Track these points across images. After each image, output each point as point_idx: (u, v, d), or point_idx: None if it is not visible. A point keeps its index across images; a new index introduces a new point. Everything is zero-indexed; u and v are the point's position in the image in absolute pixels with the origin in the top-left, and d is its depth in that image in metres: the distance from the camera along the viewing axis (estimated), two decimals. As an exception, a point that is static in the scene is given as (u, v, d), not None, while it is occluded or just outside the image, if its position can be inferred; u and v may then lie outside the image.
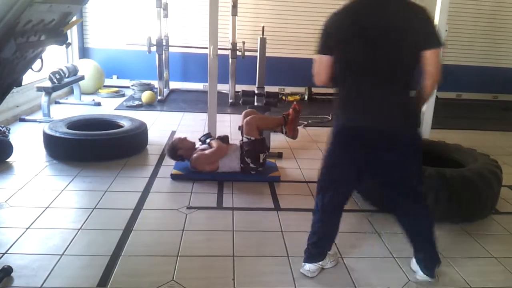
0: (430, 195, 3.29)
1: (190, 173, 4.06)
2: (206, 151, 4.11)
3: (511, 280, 2.72)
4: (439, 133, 5.44)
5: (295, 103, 4.45)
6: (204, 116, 5.60)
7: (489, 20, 8.66)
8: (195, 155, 4.11)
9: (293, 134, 4.22)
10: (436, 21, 4.89)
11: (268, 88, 6.53)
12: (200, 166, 4.05)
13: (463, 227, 3.35)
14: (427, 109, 5.15)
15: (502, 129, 6.73)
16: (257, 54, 6.37)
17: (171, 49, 8.17)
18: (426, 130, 5.17)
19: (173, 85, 8.46)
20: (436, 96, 5.21)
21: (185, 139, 4.30)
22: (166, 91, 7.88)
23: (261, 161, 4.08)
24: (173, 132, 5.56)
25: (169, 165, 4.26)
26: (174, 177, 4.02)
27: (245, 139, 4.06)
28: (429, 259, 2.63)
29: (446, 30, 4.93)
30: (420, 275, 2.64)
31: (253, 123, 4.05)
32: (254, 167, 4.06)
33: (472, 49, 8.75)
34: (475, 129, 6.67)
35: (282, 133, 4.24)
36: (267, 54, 6.74)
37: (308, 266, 2.66)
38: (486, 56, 8.76)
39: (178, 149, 4.21)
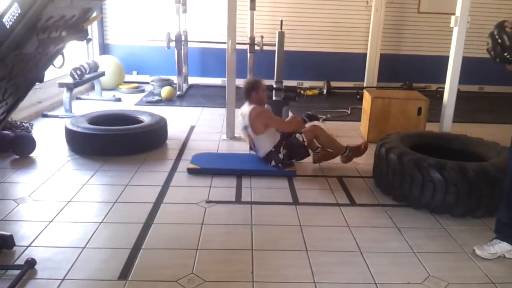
0: (451, 189, 3.26)
1: (206, 167, 4.08)
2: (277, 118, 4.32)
3: (535, 276, 2.67)
4: (461, 126, 5.36)
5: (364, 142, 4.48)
6: (223, 111, 5.61)
7: (510, 12, 8.43)
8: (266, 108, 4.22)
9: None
10: (458, 13, 4.80)
11: (287, 83, 6.51)
12: (258, 118, 4.09)
13: (485, 221, 3.30)
14: (448, 103, 5.08)
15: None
16: (276, 48, 6.35)
17: (190, 45, 8.20)
18: (448, 123, 5.10)
19: (192, 80, 8.50)
20: (458, 89, 5.13)
21: (266, 90, 4.40)
22: (185, 87, 7.93)
23: (281, 156, 4.08)
24: (192, 127, 5.60)
25: (189, 160, 4.29)
26: (190, 171, 4.04)
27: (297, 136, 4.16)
28: None
29: (468, 22, 4.82)
30: None
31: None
32: (278, 159, 4.08)
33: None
34: (498, 122, 6.52)
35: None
36: (285, 48, 6.71)
37: None
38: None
39: (257, 88, 4.25)
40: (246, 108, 4.23)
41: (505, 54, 2.54)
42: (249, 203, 3.51)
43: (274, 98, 6.11)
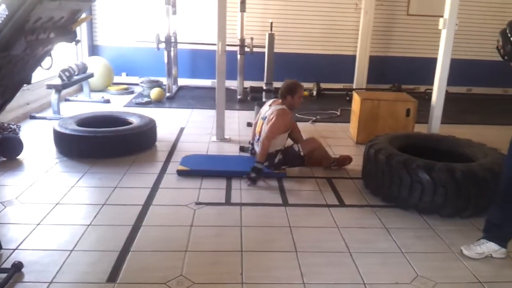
0: (439, 189, 3.29)
1: (196, 169, 4.07)
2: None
3: (521, 275, 2.70)
4: (449, 128, 5.40)
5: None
6: (212, 113, 5.60)
7: (499, 13, 8.54)
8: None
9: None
10: (446, 16, 4.85)
11: (277, 84, 6.52)
12: (281, 119, 4.05)
13: (472, 221, 3.33)
14: (437, 104, 5.13)
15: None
16: (265, 50, 6.37)
17: (179, 46, 8.18)
18: (436, 125, 5.15)
19: (182, 81, 8.48)
20: (446, 91, 5.18)
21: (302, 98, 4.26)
22: (174, 88, 7.91)
23: (276, 160, 4.08)
24: (182, 129, 5.58)
25: (178, 162, 4.27)
26: (180, 173, 4.03)
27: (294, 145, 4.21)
28: None
29: (456, 24, 4.87)
30: None
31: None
32: (272, 162, 4.07)
33: (482, 44, 8.66)
34: (485, 123, 6.60)
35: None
36: (275, 50, 6.74)
37: None
38: (496, 51, 8.64)
39: (295, 93, 4.15)
40: (276, 104, 4.22)
41: None
42: (238, 204, 3.51)
43: (264, 99, 6.12)
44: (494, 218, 2.87)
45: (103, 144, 4.38)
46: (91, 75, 7.11)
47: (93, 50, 8.43)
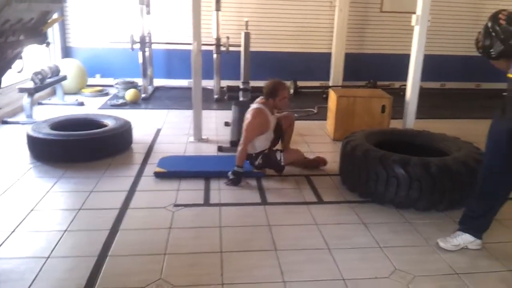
0: (415, 184, 3.34)
1: (173, 171, 4.04)
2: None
3: (495, 265, 2.76)
4: (424, 122, 5.50)
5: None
6: (189, 113, 5.55)
7: (471, 9, 8.75)
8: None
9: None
10: (419, 12, 4.93)
11: (254, 83, 6.53)
12: (254, 120, 3.92)
13: (448, 214, 3.39)
14: (411, 100, 5.21)
15: (485, 117, 6.78)
16: (242, 48, 6.36)
17: (154, 46, 8.10)
18: (411, 120, 5.23)
19: (158, 82, 8.40)
20: (420, 87, 5.27)
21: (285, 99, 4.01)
22: (150, 89, 7.83)
23: (256, 163, 4.06)
24: (159, 130, 5.53)
25: (155, 163, 4.23)
26: (157, 175, 3.99)
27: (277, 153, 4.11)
28: None
29: (429, 21, 4.96)
30: None
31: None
32: (253, 164, 4.05)
33: (455, 39, 8.84)
34: (459, 118, 6.75)
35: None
36: (252, 49, 6.74)
37: None
38: (469, 46, 8.84)
39: (275, 96, 3.92)
40: (258, 103, 4.06)
41: (491, 50, 2.51)
42: (217, 205, 3.49)
43: (241, 99, 6.12)
44: (470, 210, 2.93)
45: (78, 148, 4.30)
46: (64, 78, 6.98)
47: (66, 52, 8.27)
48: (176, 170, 4.05)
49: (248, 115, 4.00)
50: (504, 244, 2.95)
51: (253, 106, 4.06)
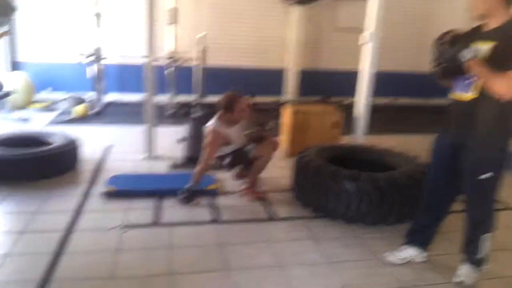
0: (364, 198, 3.41)
1: (123, 189, 3.92)
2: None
3: (439, 277, 2.84)
4: (374, 138, 5.64)
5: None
6: (142, 129, 5.41)
7: (419, 26, 9.16)
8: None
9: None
10: (370, 30, 5.09)
11: (210, 98, 6.51)
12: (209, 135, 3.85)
13: (396, 228, 3.46)
14: (362, 115, 5.35)
15: (432, 132, 7.06)
16: (198, 63, 6.33)
17: (107, 61, 7.93)
18: (362, 135, 5.36)
19: (109, 97, 8.21)
20: (372, 102, 5.42)
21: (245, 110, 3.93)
22: (101, 104, 7.64)
23: (225, 162, 4.01)
24: (109, 147, 5.38)
25: (104, 182, 4.09)
26: (106, 194, 3.87)
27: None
28: None
29: (380, 38, 5.13)
30: None
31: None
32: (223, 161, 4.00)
33: (405, 56, 9.20)
34: (408, 132, 6.98)
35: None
36: (208, 64, 6.72)
37: None
38: (418, 62, 9.23)
39: (232, 109, 3.84)
40: (215, 119, 3.96)
41: (437, 69, 2.58)
42: (168, 225, 3.41)
43: (197, 114, 6.05)
44: (416, 224, 3.01)
45: (21, 167, 4.10)
46: (10, 93, 6.67)
47: (15, 66, 7.96)
48: (126, 189, 3.94)
49: (206, 134, 3.94)
50: (447, 256, 3.04)
51: (208, 125, 3.99)
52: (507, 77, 2.30)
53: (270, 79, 8.88)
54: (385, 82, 8.25)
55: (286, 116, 5.59)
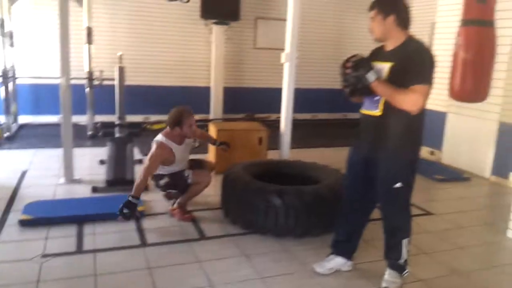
0: (291, 212, 3.50)
1: (41, 217, 3.68)
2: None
3: (366, 284, 2.98)
4: (298, 152, 5.83)
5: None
6: (60, 152, 5.11)
7: (334, 46, 9.69)
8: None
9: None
10: (287, 50, 5.28)
11: (133, 118, 6.36)
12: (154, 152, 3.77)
13: (323, 238, 3.56)
14: (285, 131, 5.50)
15: (349, 145, 7.45)
16: (116, 83, 6.15)
17: (19, 81, 7.46)
18: (286, 150, 5.51)
19: (23, 119, 7.70)
20: (294, 118, 5.60)
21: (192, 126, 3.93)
22: (14, 127, 7.14)
23: (161, 183, 3.93)
24: (24, 172, 5.03)
25: (20, 210, 3.81)
26: (23, 223, 3.60)
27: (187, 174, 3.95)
28: None
29: (297, 58, 5.34)
30: None
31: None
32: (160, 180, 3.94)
33: (322, 74, 9.65)
34: (329, 146, 7.29)
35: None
36: (128, 83, 6.54)
37: None
38: (334, 79, 9.70)
39: (182, 124, 3.82)
40: (161, 134, 3.90)
41: (346, 90, 2.74)
42: (92, 251, 3.24)
43: (117, 135, 5.87)
44: (338, 234, 3.14)
45: None
46: None
47: None
48: (44, 216, 3.70)
49: (152, 146, 3.84)
50: (374, 263, 3.19)
51: (156, 138, 3.89)
52: (410, 93, 2.52)
53: (196, 98, 8.85)
54: (306, 99, 8.64)
55: (211, 134, 5.60)
